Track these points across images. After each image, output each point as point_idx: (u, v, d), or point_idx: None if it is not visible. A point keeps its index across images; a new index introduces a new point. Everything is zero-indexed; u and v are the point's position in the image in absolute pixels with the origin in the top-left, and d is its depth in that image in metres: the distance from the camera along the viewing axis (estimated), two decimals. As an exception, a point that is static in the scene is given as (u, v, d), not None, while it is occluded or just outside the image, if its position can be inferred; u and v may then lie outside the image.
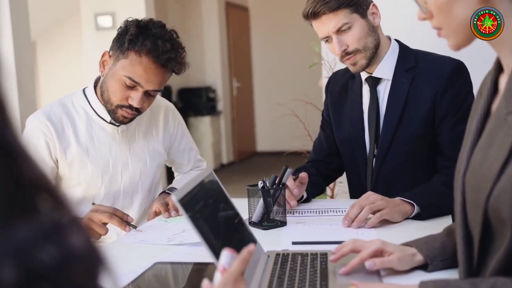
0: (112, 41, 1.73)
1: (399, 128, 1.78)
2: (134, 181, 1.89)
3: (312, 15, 1.73)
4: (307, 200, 1.87)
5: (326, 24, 1.72)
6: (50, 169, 1.78)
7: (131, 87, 1.70)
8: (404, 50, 1.84)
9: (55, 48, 8.12)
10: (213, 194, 1.19)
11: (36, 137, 1.76)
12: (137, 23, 1.69)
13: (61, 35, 7.82)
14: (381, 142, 1.80)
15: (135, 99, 1.70)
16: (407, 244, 1.20)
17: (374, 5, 1.78)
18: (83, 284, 0.41)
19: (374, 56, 1.78)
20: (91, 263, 0.42)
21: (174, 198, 0.99)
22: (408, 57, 1.81)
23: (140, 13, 5.69)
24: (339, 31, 1.72)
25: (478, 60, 1.76)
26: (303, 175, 1.75)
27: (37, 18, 7.36)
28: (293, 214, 1.73)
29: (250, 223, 1.62)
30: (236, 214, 1.25)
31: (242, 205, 1.49)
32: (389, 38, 1.85)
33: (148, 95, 1.74)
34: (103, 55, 1.76)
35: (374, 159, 1.82)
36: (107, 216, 1.59)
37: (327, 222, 1.62)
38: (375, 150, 1.82)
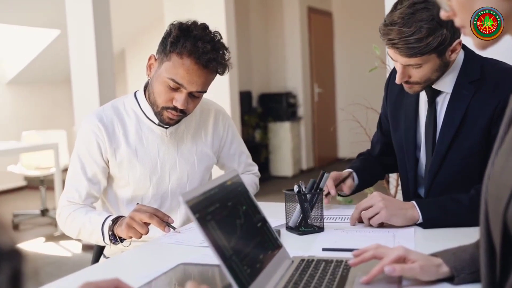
0: (158, 44, 1.76)
1: (455, 141, 1.67)
2: (182, 183, 1.91)
3: (386, 41, 1.58)
4: (360, 188, 1.94)
5: (397, 55, 1.59)
6: (102, 169, 1.84)
7: (175, 89, 1.72)
8: (469, 59, 1.68)
9: (143, 54, 8.42)
10: (234, 197, 1.17)
11: (88, 137, 1.82)
12: (179, 26, 1.72)
13: (148, 42, 8.09)
14: (435, 154, 1.71)
15: (179, 100, 1.72)
16: (434, 254, 1.13)
17: (459, 42, 1.59)
18: None
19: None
20: None
21: (181, 199, 0.98)
22: (473, 68, 1.66)
23: (221, 20, 5.78)
24: (407, 65, 1.61)
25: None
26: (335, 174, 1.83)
27: (125, 27, 7.68)
28: (335, 220, 1.69)
29: (287, 227, 1.59)
30: (261, 218, 1.22)
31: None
32: None
33: (193, 97, 1.75)
34: (149, 59, 1.79)
35: (429, 170, 1.74)
36: (148, 216, 1.61)
37: (366, 230, 1.57)
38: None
